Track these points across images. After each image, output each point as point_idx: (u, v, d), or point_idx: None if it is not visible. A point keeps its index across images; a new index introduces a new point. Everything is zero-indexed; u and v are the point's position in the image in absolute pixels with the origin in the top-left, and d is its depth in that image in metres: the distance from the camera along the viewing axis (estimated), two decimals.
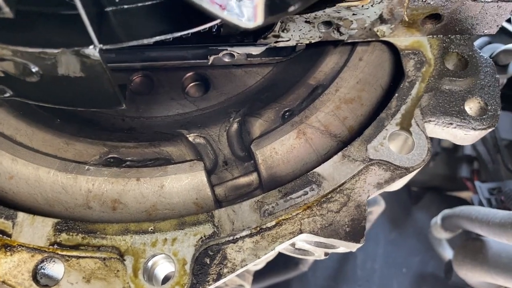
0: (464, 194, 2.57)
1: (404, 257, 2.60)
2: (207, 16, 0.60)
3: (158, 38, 0.59)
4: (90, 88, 0.66)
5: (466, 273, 1.74)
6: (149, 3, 0.59)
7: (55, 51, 0.57)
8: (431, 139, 0.89)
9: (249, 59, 1.01)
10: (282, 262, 2.13)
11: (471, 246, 1.72)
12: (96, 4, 0.57)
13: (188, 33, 0.59)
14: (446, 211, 1.98)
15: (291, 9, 0.51)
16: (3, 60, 0.62)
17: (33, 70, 0.62)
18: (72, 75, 0.63)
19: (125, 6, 0.59)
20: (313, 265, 2.20)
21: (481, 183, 2.13)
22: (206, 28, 0.61)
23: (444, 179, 2.57)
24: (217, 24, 0.65)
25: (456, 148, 2.48)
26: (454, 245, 2.19)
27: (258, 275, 1.97)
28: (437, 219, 2.06)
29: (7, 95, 0.70)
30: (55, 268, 0.78)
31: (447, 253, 2.23)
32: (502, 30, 1.83)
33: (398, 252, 2.61)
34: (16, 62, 0.61)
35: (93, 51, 0.57)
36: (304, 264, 2.08)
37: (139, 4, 0.59)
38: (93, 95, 0.68)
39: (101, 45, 0.57)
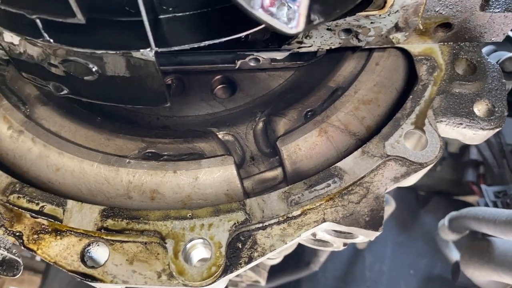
0: (470, 198, 2.63)
1: (412, 259, 2.66)
2: (248, 23, 0.69)
3: (205, 42, 0.67)
4: (141, 87, 0.74)
5: (473, 272, 1.80)
6: (199, 11, 0.67)
7: (117, 52, 0.66)
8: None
9: (273, 63, 1.10)
10: (293, 262, 2.19)
11: (478, 246, 1.78)
12: (152, 11, 0.65)
13: (234, 38, 0.67)
14: (453, 213, 2.04)
15: (317, 21, 0.59)
16: (67, 61, 0.70)
17: (93, 69, 0.70)
18: (126, 75, 0.72)
19: (177, 14, 0.67)
20: (323, 265, 2.27)
21: (487, 187, 2.19)
22: (247, 34, 0.69)
23: (450, 183, 2.64)
24: (255, 30, 0.72)
25: (462, 153, 2.55)
26: (460, 247, 2.25)
27: (270, 274, 2.04)
28: (445, 221, 2.12)
29: (64, 92, 0.78)
30: (99, 252, 0.85)
31: (454, 255, 2.29)
32: (508, 39, 1.91)
33: (406, 254, 2.67)
34: (79, 62, 0.70)
35: (149, 53, 0.65)
36: (315, 263, 2.15)
37: (189, 12, 0.67)
38: (143, 93, 0.76)
39: (157, 48, 0.65)
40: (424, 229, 2.75)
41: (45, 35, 0.63)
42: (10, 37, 0.78)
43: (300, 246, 1.38)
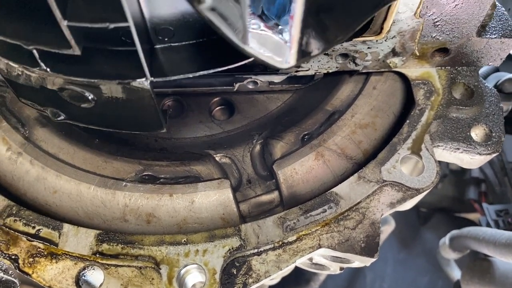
0: (472, 216, 2.62)
1: (413, 277, 2.64)
2: (244, 54, 0.69)
3: (201, 73, 0.68)
4: (137, 114, 0.74)
5: None
6: (194, 41, 0.67)
7: (112, 82, 0.66)
8: (440, 162, 0.97)
9: (271, 86, 1.10)
10: (293, 280, 2.18)
11: (478, 266, 1.77)
12: (148, 42, 0.66)
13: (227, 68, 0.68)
14: (454, 232, 2.03)
15: (315, 53, 0.60)
16: (63, 89, 0.71)
17: (89, 97, 0.71)
18: (122, 102, 0.72)
19: (172, 44, 0.68)
20: (323, 283, 2.25)
21: (488, 205, 2.18)
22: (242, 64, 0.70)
23: (452, 201, 2.63)
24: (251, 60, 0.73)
25: (464, 170, 2.54)
26: (462, 266, 2.23)
27: None
28: (446, 239, 2.10)
29: (61, 118, 0.78)
30: (94, 276, 0.85)
31: (456, 273, 2.27)
32: (510, 57, 1.91)
33: (407, 272, 2.65)
34: (75, 90, 0.70)
35: (145, 83, 0.66)
36: (315, 281, 2.13)
37: (184, 43, 0.68)
38: (139, 120, 0.76)
39: (152, 78, 0.66)
40: (425, 246, 2.73)
41: (42, 64, 0.64)
42: (7, 61, 0.79)
43: (296, 268, 1.37)
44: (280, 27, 0.52)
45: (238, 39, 0.52)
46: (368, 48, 0.97)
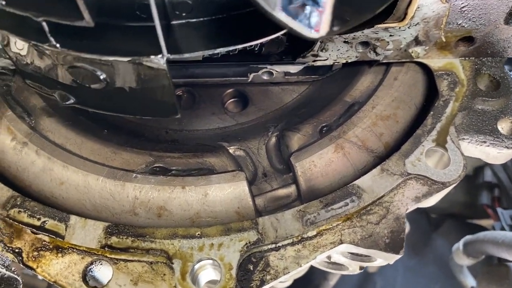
0: (485, 222, 2.55)
1: (424, 284, 2.57)
2: (264, 31, 0.65)
3: (218, 50, 0.63)
4: (151, 97, 0.70)
5: None
6: (213, 17, 0.63)
7: (126, 59, 0.62)
8: None
9: (286, 77, 1.06)
10: (302, 285, 2.12)
11: (496, 272, 1.71)
12: (165, 17, 0.62)
13: (241, 49, 0.64)
14: (469, 237, 1.97)
15: (349, 25, 0.56)
16: (74, 67, 0.67)
17: (101, 77, 0.67)
18: (135, 83, 0.68)
19: (191, 20, 0.64)
20: None
21: (503, 210, 2.12)
22: (262, 42, 0.66)
23: (464, 206, 2.56)
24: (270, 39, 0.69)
25: (476, 174, 2.48)
26: (475, 273, 2.16)
27: None
28: (459, 244, 2.04)
29: (70, 102, 0.74)
30: (102, 271, 0.80)
31: (469, 281, 2.21)
32: None
33: (418, 279, 2.58)
34: (86, 69, 0.66)
35: (161, 60, 0.62)
36: (324, 287, 2.07)
37: (203, 19, 0.64)
38: (153, 104, 0.72)
39: (169, 55, 0.61)
40: (436, 253, 2.66)
41: (52, 39, 0.60)
42: (17, 48, 0.76)
43: (309, 269, 1.32)
44: None
45: (267, 4, 0.48)
46: (390, 35, 0.93)
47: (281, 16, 0.48)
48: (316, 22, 0.50)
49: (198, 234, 0.78)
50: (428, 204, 0.93)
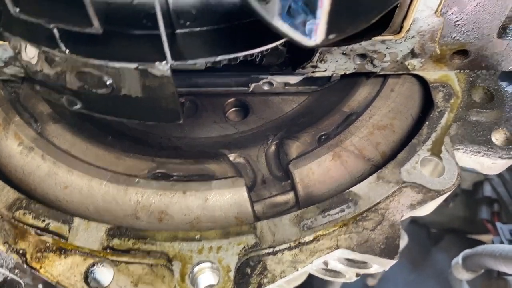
0: (485, 237, 2.55)
1: None
2: (264, 40, 0.68)
3: (219, 57, 0.66)
4: (155, 102, 0.73)
5: None
6: (216, 26, 0.66)
7: (132, 65, 0.65)
8: None
9: (286, 87, 1.09)
10: None
11: (495, 286, 1.71)
12: (170, 26, 0.65)
13: (250, 56, 0.67)
14: (468, 251, 1.97)
15: (345, 33, 0.58)
16: (81, 73, 0.70)
17: (107, 82, 0.70)
18: (140, 90, 0.71)
19: (194, 29, 0.67)
20: None
21: (502, 225, 2.13)
22: (262, 50, 0.69)
23: (463, 221, 2.57)
24: (264, 51, 0.72)
25: (475, 189, 2.49)
26: (474, 287, 2.16)
27: None
28: (459, 258, 2.05)
29: (77, 106, 0.77)
30: (104, 272, 0.82)
31: None
32: None
33: None
34: (93, 74, 0.69)
35: (165, 67, 0.64)
36: None
37: (206, 28, 0.67)
38: (157, 109, 0.75)
39: (173, 61, 0.64)
40: (436, 267, 2.66)
41: (61, 45, 0.63)
42: (28, 57, 0.79)
43: (307, 281, 1.33)
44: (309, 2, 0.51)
45: (266, 14, 0.51)
46: (387, 48, 0.96)
47: (279, 24, 0.51)
48: (312, 30, 0.53)
49: (198, 237, 0.80)
50: (423, 212, 0.95)
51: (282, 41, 0.64)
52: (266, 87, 1.08)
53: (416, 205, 0.87)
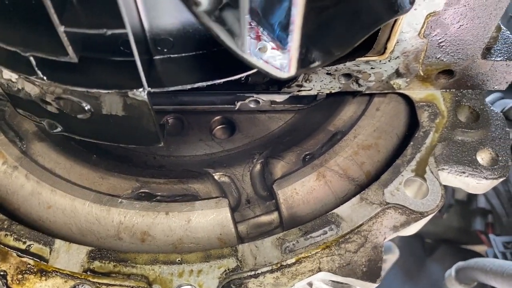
0: (479, 248, 2.55)
1: None
2: (243, 66, 0.68)
3: (199, 84, 0.66)
4: (134, 126, 0.73)
5: None
6: (193, 53, 0.66)
7: (109, 91, 0.65)
8: (445, 188, 0.94)
9: (272, 105, 1.09)
10: None
11: None
12: (147, 52, 0.65)
13: (225, 80, 0.67)
14: (461, 263, 1.97)
15: (315, 64, 0.58)
16: (60, 98, 0.70)
17: (86, 108, 0.70)
18: (120, 114, 0.71)
19: (172, 56, 0.67)
20: None
21: (495, 236, 2.13)
22: (242, 76, 0.69)
23: (458, 232, 2.57)
24: (250, 73, 0.72)
25: (470, 201, 2.49)
26: None
27: None
28: (452, 271, 2.04)
29: (58, 130, 0.77)
30: None
31: None
32: None
33: None
34: (72, 100, 0.69)
35: (142, 93, 0.65)
36: None
37: (184, 54, 0.67)
38: (136, 133, 0.75)
39: (149, 89, 0.64)
40: (431, 278, 2.65)
41: (39, 72, 0.63)
42: (9, 75, 0.79)
43: None
44: (280, 34, 0.51)
45: (237, 46, 0.51)
46: (372, 68, 0.96)
47: (251, 58, 0.51)
48: (284, 64, 0.53)
49: (179, 260, 0.80)
50: (407, 233, 0.94)
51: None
52: (252, 105, 1.08)
53: (399, 227, 0.87)
